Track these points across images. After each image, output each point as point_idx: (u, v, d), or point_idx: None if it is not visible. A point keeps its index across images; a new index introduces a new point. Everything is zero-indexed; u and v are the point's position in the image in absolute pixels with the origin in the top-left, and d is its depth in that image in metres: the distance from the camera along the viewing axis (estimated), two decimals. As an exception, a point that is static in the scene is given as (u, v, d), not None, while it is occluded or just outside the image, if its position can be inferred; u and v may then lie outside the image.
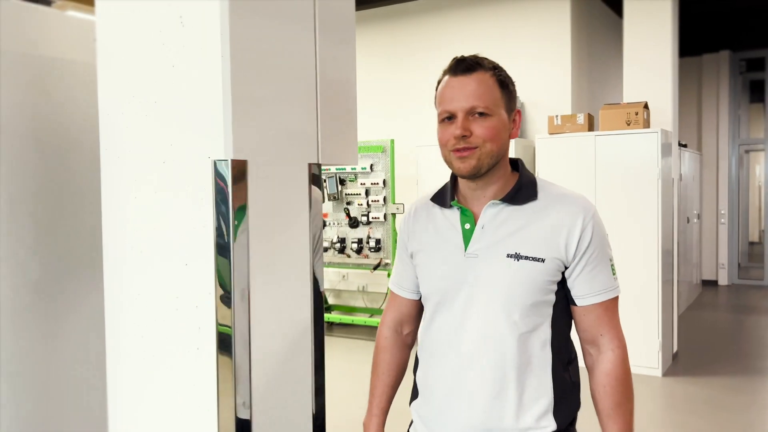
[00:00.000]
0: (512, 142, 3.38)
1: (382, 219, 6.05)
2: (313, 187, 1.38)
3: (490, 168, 1.36)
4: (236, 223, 1.21)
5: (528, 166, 5.85)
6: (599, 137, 5.04)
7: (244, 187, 1.22)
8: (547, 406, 1.37)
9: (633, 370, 4.70)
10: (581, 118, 5.22)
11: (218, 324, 1.23)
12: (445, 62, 1.40)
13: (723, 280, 9.08)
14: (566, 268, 1.37)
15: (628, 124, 5.00)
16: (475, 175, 1.36)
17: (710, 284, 9.01)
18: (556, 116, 5.32)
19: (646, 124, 5.01)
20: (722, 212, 9.10)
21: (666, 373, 4.88)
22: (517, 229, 1.36)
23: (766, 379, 4.69)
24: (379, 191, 6.09)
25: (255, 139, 1.25)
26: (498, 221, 1.37)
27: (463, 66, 1.35)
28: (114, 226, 1.39)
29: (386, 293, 6.15)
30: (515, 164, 1.46)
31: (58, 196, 1.60)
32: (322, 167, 1.42)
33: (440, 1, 6.47)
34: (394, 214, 6.01)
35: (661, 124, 5.21)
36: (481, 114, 1.33)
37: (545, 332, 1.37)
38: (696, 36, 7.85)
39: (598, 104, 6.32)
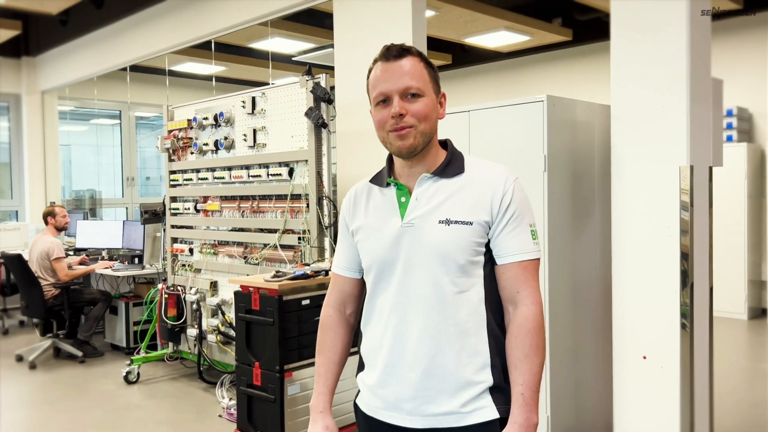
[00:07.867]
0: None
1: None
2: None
3: (424, 146, 1.47)
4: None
5: (757, 167, 7.51)
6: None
7: (692, 181, 2.87)
8: (484, 361, 1.44)
9: (727, 315, 6.41)
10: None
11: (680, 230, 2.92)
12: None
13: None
14: (490, 228, 1.45)
15: None
16: (412, 153, 1.46)
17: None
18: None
19: None
20: None
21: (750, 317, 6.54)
22: (447, 198, 1.46)
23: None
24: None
25: (695, 154, 2.89)
26: (430, 193, 1.48)
27: (394, 51, 1.45)
28: (626, 202, 2.98)
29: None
30: (444, 144, 1.56)
31: (580, 195, 3.37)
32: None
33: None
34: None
35: None
36: (414, 95, 1.43)
37: (479, 292, 1.45)
38: None
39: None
